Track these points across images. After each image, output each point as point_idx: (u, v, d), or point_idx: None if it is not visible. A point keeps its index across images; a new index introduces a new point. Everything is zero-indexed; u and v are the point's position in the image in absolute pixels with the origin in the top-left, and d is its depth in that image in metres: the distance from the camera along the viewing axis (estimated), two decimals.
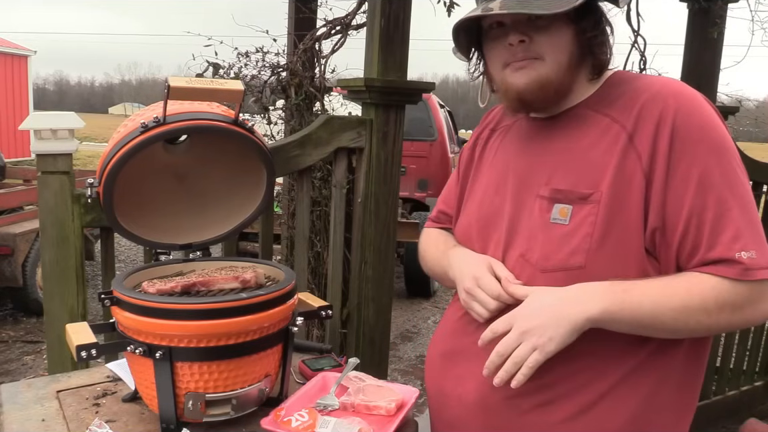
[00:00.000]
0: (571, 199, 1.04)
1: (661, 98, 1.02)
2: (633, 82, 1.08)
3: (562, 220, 1.04)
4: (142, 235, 1.34)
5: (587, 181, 1.03)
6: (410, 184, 6.31)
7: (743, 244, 0.96)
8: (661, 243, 1.01)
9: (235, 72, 3.07)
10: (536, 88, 1.06)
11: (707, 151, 0.99)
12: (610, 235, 1.00)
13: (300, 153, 2.03)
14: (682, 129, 0.99)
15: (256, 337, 1.14)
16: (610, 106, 1.07)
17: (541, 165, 1.11)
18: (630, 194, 1.00)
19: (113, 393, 1.31)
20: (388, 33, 2.11)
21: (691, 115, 1.00)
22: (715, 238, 0.97)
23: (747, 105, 3.65)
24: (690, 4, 2.90)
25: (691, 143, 0.99)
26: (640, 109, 1.03)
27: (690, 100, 1.02)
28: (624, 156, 1.02)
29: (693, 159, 0.99)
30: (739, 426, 2.95)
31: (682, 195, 0.99)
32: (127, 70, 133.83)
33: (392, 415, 1.22)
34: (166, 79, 1.11)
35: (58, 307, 1.73)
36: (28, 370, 4.00)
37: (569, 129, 1.10)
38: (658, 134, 1.00)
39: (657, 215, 1.00)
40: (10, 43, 12.98)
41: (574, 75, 1.08)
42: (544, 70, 1.05)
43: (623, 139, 1.03)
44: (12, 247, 4.55)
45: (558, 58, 1.04)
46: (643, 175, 1.00)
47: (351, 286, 2.31)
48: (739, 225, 0.97)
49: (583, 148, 1.06)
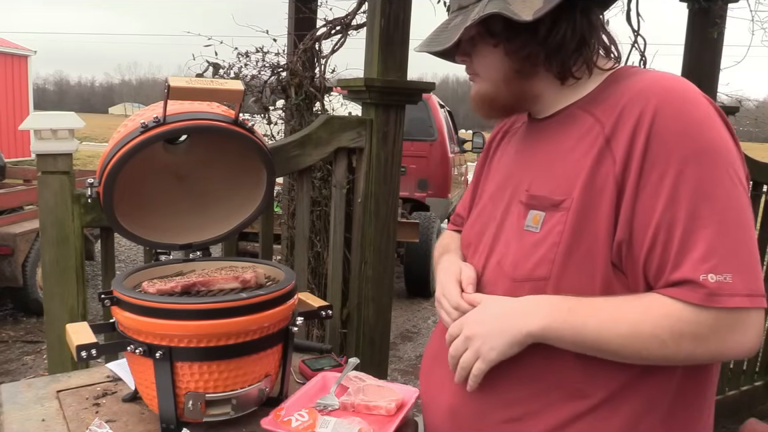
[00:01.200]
0: (545, 206, 0.98)
1: (644, 97, 0.92)
2: (628, 78, 0.99)
3: (534, 227, 0.99)
4: (142, 235, 1.34)
5: (562, 187, 0.97)
6: (410, 184, 6.31)
7: (713, 266, 0.85)
8: (627, 258, 0.92)
9: (235, 72, 3.07)
10: (481, 102, 1.09)
11: (685, 158, 0.88)
12: (578, 246, 0.93)
13: (300, 153, 2.03)
14: (659, 132, 0.89)
15: (256, 337, 1.14)
16: (597, 105, 0.99)
17: (527, 169, 1.07)
18: (601, 203, 0.92)
19: (113, 393, 1.31)
20: (388, 33, 2.11)
21: (674, 116, 0.89)
22: (682, 257, 0.87)
23: (747, 105, 3.65)
24: (690, 4, 2.90)
25: (668, 149, 0.88)
26: (621, 109, 0.94)
27: (677, 99, 0.91)
28: (599, 160, 0.94)
29: (667, 166, 0.88)
30: (739, 426, 2.94)
31: (651, 206, 0.89)
32: (127, 70, 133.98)
33: (392, 415, 1.22)
34: (166, 79, 1.11)
35: (58, 307, 1.73)
36: (28, 370, 4.00)
37: (557, 130, 1.05)
38: (635, 137, 0.90)
39: (624, 227, 0.91)
40: (10, 43, 12.98)
41: (523, 87, 1.05)
42: (483, 87, 1.07)
43: (600, 141, 0.95)
44: (12, 247, 4.55)
45: (491, 76, 1.05)
46: (615, 183, 0.91)
47: (351, 286, 2.31)
48: (712, 243, 0.85)
49: (564, 151, 1.00)
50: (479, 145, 7.16)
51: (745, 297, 0.85)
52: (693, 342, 0.87)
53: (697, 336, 0.87)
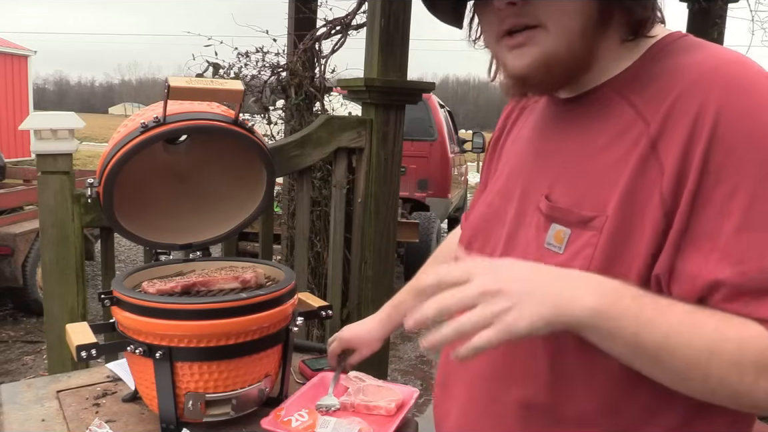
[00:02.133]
0: (570, 222, 0.77)
1: (702, 90, 0.70)
2: (681, 55, 0.75)
3: (557, 247, 0.78)
4: (142, 235, 1.34)
5: (592, 200, 0.76)
6: (410, 184, 6.31)
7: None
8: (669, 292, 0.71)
9: (235, 72, 3.07)
10: (541, 70, 0.77)
11: (762, 172, 0.66)
12: (610, 274, 0.72)
13: (300, 153, 2.03)
14: (725, 137, 0.67)
15: (256, 337, 1.14)
16: (640, 91, 0.76)
17: (546, 166, 0.85)
18: (642, 223, 0.71)
19: (113, 393, 1.31)
20: (388, 33, 2.11)
21: (744, 116, 0.68)
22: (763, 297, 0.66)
23: None
24: (690, 4, 2.90)
25: (736, 159, 0.67)
26: (672, 103, 0.71)
27: (747, 91, 0.69)
28: (642, 168, 0.72)
29: (738, 183, 0.67)
30: None
31: (714, 236, 0.67)
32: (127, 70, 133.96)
33: (392, 415, 1.22)
34: (166, 79, 1.11)
35: (58, 307, 1.73)
36: (28, 370, 4.00)
37: (586, 120, 0.82)
38: (692, 143, 0.69)
39: (668, 260, 0.70)
40: (10, 43, 12.98)
41: (596, 43, 0.77)
42: (550, 44, 0.75)
43: (644, 144, 0.72)
44: (12, 247, 4.55)
45: (566, 25, 0.74)
46: (661, 199, 0.70)
47: (351, 286, 2.31)
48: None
49: (596, 151, 0.78)
50: (479, 145, 7.16)
51: None
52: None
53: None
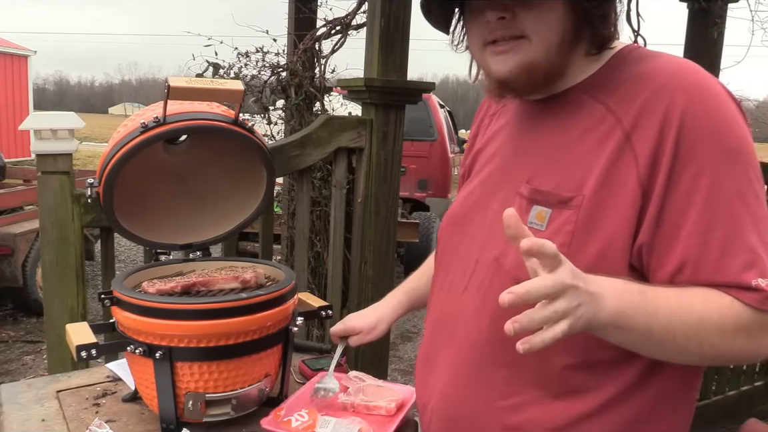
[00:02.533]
0: (551, 203, 0.90)
1: (668, 92, 0.85)
2: (640, 64, 0.91)
3: (539, 225, 0.90)
4: (142, 235, 1.34)
5: (571, 183, 0.89)
6: (410, 184, 6.32)
7: (760, 270, 0.81)
8: (650, 261, 0.86)
9: (235, 72, 3.07)
10: (522, 75, 0.90)
11: (720, 158, 0.83)
12: (589, 247, 0.86)
13: (300, 153, 2.03)
14: (690, 131, 0.83)
15: (256, 337, 1.14)
16: (608, 93, 0.90)
17: (526, 158, 0.98)
18: (618, 202, 0.85)
19: (113, 393, 1.31)
20: (388, 33, 2.11)
21: (704, 114, 0.84)
22: (726, 262, 0.81)
23: (747, 105, 3.66)
24: (690, 4, 2.90)
25: (701, 148, 0.83)
26: (643, 103, 0.86)
27: (705, 95, 0.85)
28: (617, 157, 0.86)
29: (702, 166, 0.82)
30: (739, 426, 2.94)
31: (684, 209, 0.83)
32: (127, 70, 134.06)
33: (392, 415, 1.22)
34: (166, 79, 1.11)
35: (58, 307, 1.73)
36: (28, 370, 4.01)
37: (560, 117, 0.95)
38: (663, 135, 0.83)
39: (649, 231, 0.84)
40: (10, 43, 12.98)
41: (569, 55, 0.91)
42: (531, 53, 0.88)
43: (618, 136, 0.87)
44: (12, 247, 4.55)
45: (547, 38, 0.87)
46: (638, 183, 0.84)
47: (351, 286, 2.31)
48: (755, 247, 0.81)
49: (570, 142, 0.91)
50: None
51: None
52: (746, 339, 0.83)
53: (751, 333, 0.82)
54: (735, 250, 0.81)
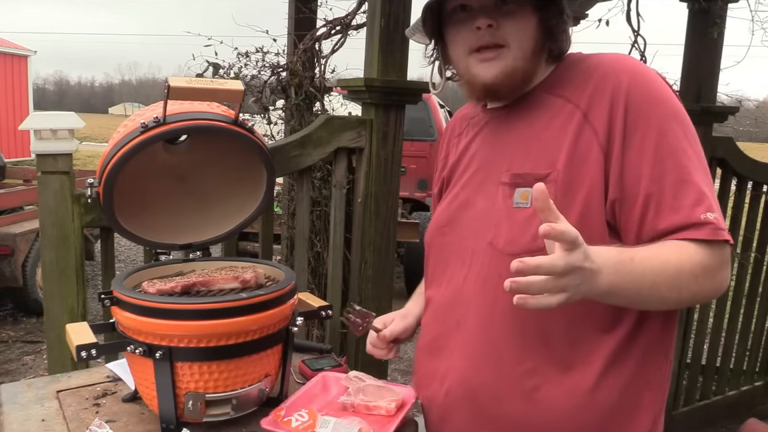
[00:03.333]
0: (530, 182, 0.99)
1: (613, 74, 1.02)
2: (584, 61, 1.08)
3: (524, 203, 1.04)
4: (142, 235, 1.34)
5: (544, 162, 1.03)
6: (410, 184, 6.31)
7: (707, 206, 0.95)
8: (620, 214, 1.00)
9: (235, 72, 3.07)
10: (505, 79, 1.06)
11: (662, 119, 0.99)
12: (570, 213, 0.98)
13: (300, 153, 2.03)
14: (635, 101, 1.00)
15: (256, 337, 1.14)
16: (563, 88, 1.07)
17: (502, 153, 1.12)
18: (587, 170, 1.00)
19: (113, 393, 1.31)
20: (388, 33, 2.11)
21: (644, 86, 1.01)
22: (679, 202, 0.96)
23: (747, 105, 3.66)
24: (690, 4, 2.89)
25: (645, 113, 0.99)
26: (594, 87, 1.03)
27: (642, 74, 1.03)
28: (579, 133, 1.02)
29: (648, 128, 0.99)
30: (739, 426, 2.94)
31: (639, 164, 0.98)
32: (127, 70, 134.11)
33: (392, 415, 1.21)
34: (166, 79, 1.11)
35: (58, 307, 1.73)
36: (28, 370, 4.01)
37: (525, 114, 1.10)
38: (613, 108, 1.00)
39: (616, 187, 0.99)
40: (10, 43, 12.97)
41: (538, 61, 1.09)
42: (511, 59, 1.05)
43: (578, 117, 1.03)
44: (12, 247, 4.56)
45: (524, 45, 1.04)
46: (600, 150, 1.00)
47: (351, 286, 2.31)
48: (700, 188, 0.96)
49: (539, 132, 1.07)
50: None
51: (727, 232, 0.96)
52: (712, 277, 0.96)
53: (712, 273, 0.96)
54: (685, 192, 0.96)
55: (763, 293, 3.29)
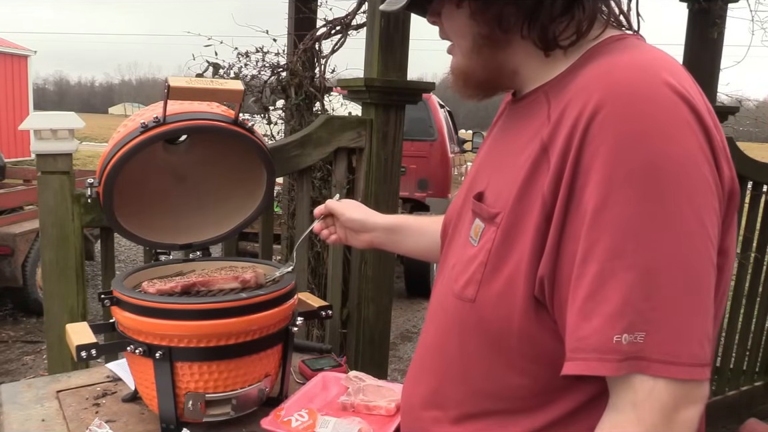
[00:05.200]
0: (484, 217, 0.82)
1: (587, 93, 0.71)
2: (597, 58, 0.78)
3: (474, 240, 0.83)
4: (142, 235, 1.34)
5: (503, 197, 0.79)
6: (410, 184, 6.31)
7: (629, 323, 0.64)
8: (551, 298, 0.73)
9: (235, 72, 3.07)
10: (459, 78, 0.89)
11: (619, 177, 0.65)
12: (501, 270, 0.77)
13: (300, 153, 2.03)
14: (593, 139, 0.68)
15: (256, 337, 1.14)
16: (558, 92, 0.79)
17: (489, 164, 0.92)
18: (528, 222, 0.74)
19: (113, 393, 1.31)
20: (388, 33, 2.11)
21: (616, 120, 0.67)
22: (594, 307, 0.66)
23: (747, 105, 3.66)
24: (690, 4, 2.90)
25: (601, 161, 0.67)
26: (565, 105, 0.74)
27: (626, 98, 0.68)
28: (535, 168, 0.75)
29: (595, 186, 0.67)
30: (739, 426, 2.95)
31: (578, 237, 0.69)
32: (127, 70, 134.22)
33: (392, 415, 1.22)
34: (166, 79, 1.11)
35: (58, 307, 1.73)
36: (28, 370, 4.00)
37: (519, 119, 0.87)
38: (569, 144, 0.70)
39: (549, 260, 0.71)
40: (10, 43, 12.97)
41: (497, 58, 0.84)
42: (458, 59, 0.88)
43: (537, 144, 0.76)
44: (12, 247, 4.55)
45: (461, 44, 0.86)
46: (542, 201, 0.72)
47: (351, 286, 2.31)
48: (632, 294, 0.64)
49: (517, 149, 0.82)
50: (479, 145, 7.14)
51: (657, 363, 0.64)
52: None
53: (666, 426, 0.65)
54: (604, 297, 0.66)
55: (763, 293, 3.29)
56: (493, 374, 0.82)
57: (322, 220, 1.34)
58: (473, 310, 0.81)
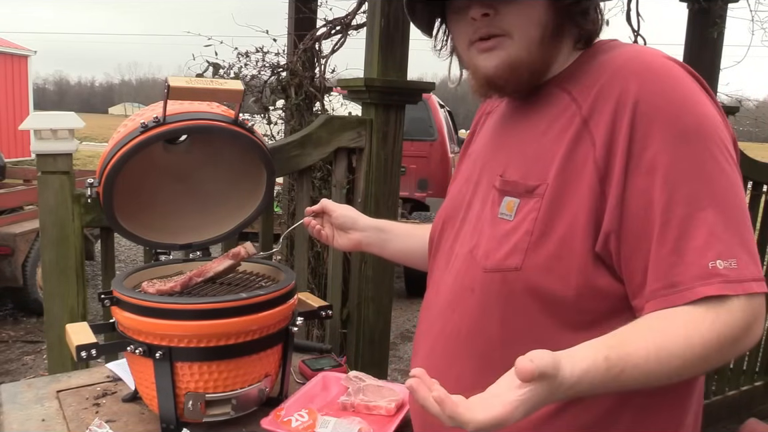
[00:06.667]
0: (519, 192, 0.90)
1: (622, 77, 0.85)
2: (605, 53, 0.91)
3: (508, 215, 0.91)
4: (142, 235, 1.34)
5: (536, 172, 0.89)
6: (410, 184, 6.31)
7: (718, 252, 0.77)
8: (618, 251, 0.82)
9: (235, 72, 3.07)
10: (507, 72, 0.91)
11: (677, 139, 0.80)
12: (551, 235, 0.85)
13: (300, 153, 2.03)
14: (644, 114, 0.82)
15: (256, 337, 1.14)
16: (574, 83, 0.91)
17: (502, 152, 0.99)
18: (577, 187, 0.84)
19: (113, 393, 1.31)
20: (388, 33, 2.11)
21: (658, 96, 0.82)
22: (684, 244, 0.78)
23: (747, 105, 3.66)
24: (690, 4, 2.90)
25: (656, 131, 0.81)
26: (599, 89, 0.86)
27: (658, 77, 0.84)
28: (576, 142, 0.86)
29: (659, 149, 0.80)
30: (739, 426, 2.94)
31: (645, 193, 0.80)
32: (127, 70, 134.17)
33: (392, 415, 1.22)
34: (166, 79, 1.11)
35: (58, 307, 1.73)
36: (28, 370, 4.00)
37: (533, 110, 0.95)
38: (617, 120, 0.83)
39: (613, 217, 0.82)
40: (10, 43, 12.97)
41: (552, 50, 0.92)
42: (514, 50, 0.89)
43: (577, 122, 0.87)
44: (12, 247, 4.55)
45: (528, 34, 0.89)
46: (595, 167, 0.83)
47: (351, 286, 2.31)
48: (713, 228, 0.78)
49: (538, 133, 0.92)
50: None
51: (753, 282, 0.77)
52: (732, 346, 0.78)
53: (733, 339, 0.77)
54: (692, 232, 0.78)
55: None
56: (543, 339, 0.82)
57: (314, 217, 1.35)
58: (519, 277, 0.87)
